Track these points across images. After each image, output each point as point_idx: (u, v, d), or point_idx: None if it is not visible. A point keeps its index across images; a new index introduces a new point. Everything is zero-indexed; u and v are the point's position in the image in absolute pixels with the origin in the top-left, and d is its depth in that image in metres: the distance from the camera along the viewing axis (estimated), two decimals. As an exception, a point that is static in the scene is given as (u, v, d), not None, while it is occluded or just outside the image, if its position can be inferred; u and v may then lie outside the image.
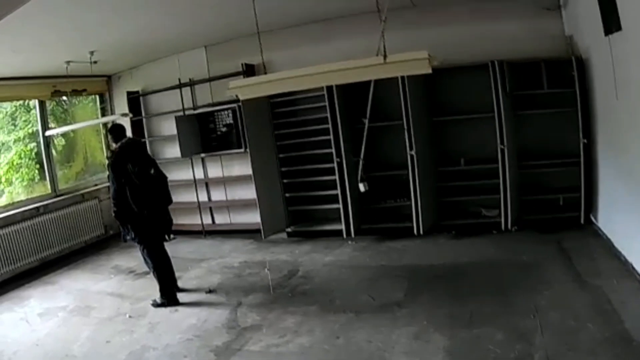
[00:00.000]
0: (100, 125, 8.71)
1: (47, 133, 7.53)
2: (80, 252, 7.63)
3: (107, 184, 8.28)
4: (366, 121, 6.09)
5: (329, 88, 6.31)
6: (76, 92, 7.89)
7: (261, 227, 6.78)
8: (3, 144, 7.54)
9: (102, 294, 5.79)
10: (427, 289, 4.79)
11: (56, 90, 7.59)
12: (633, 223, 4.44)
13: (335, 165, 6.48)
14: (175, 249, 6.63)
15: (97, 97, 8.85)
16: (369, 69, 3.69)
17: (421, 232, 6.25)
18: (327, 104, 6.40)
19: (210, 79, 7.49)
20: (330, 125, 6.43)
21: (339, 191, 6.53)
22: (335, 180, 6.54)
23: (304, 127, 6.90)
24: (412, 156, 6.13)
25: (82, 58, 6.63)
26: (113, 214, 5.03)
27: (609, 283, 4.27)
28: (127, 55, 7.45)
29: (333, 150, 6.46)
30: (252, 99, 6.13)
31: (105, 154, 8.69)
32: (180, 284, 5.58)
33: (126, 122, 8.09)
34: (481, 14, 6.30)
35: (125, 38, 6.29)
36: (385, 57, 3.41)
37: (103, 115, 8.72)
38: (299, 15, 6.51)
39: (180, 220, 7.90)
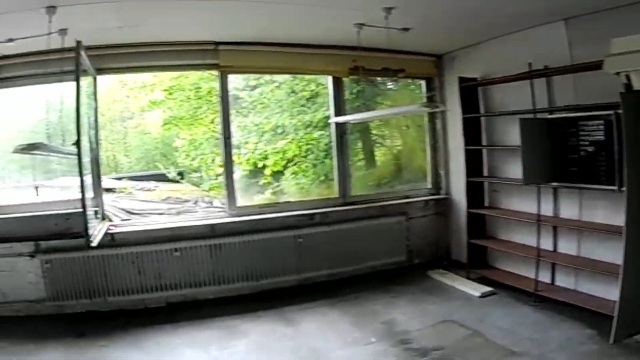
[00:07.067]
0: (425, 120, 7.62)
1: (332, 120, 6.85)
2: (361, 280, 6.65)
3: (424, 198, 7.47)
4: None
5: None
6: (389, 72, 6.77)
7: (614, 320, 4.34)
8: (282, 127, 7.02)
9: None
10: None
11: (356, 66, 6.52)
12: None
13: None
14: (486, 313, 5.42)
15: (424, 82, 7.65)
16: None
17: None
18: None
19: (572, 69, 5.29)
20: None
21: None
22: None
23: None
24: None
25: (377, 19, 5.26)
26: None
27: None
28: (454, 27, 5.95)
29: None
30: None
31: (429, 156, 7.59)
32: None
33: (454, 119, 6.86)
34: None
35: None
36: None
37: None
38: None
39: (509, 268, 6.46)
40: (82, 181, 4.49)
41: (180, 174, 11.09)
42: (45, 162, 7.33)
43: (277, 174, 7.57)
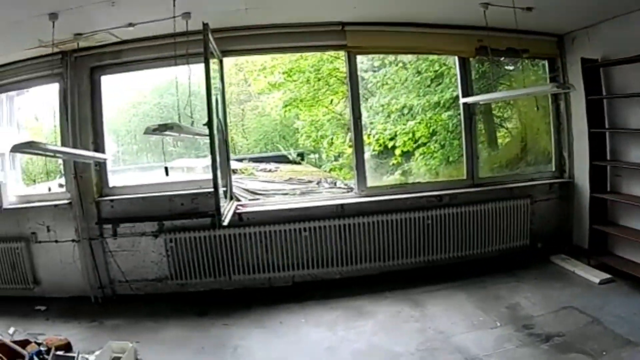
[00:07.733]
0: (549, 101, 7.52)
1: (462, 100, 6.91)
2: (485, 263, 6.71)
3: (548, 181, 7.37)
4: None
5: None
6: (513, 53, 6.77)
7: None
8: (409, 108, 7.15)
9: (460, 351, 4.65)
10: None
11: (482, 46, 6.61)
12: None
13: None
14: (605, 301, 5.38)
15: (546, 62, 7.56)
16: None
17: None
18: None
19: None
20: None
21: None
22: None
23: None
24: None
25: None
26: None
27: None
28: (575, 5, 5.90)
29: None
30: None
31: (553, 139, 7.51)
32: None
33: (577, 101, 6.82)
34: None
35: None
36: None
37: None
38: None
39: (627, 255, 6.32)
40: (214, 161, 4.67)
41: (301, 155, 11.51)
42: (161, 144, 7.62)
43: (407, 155, 7.68)
